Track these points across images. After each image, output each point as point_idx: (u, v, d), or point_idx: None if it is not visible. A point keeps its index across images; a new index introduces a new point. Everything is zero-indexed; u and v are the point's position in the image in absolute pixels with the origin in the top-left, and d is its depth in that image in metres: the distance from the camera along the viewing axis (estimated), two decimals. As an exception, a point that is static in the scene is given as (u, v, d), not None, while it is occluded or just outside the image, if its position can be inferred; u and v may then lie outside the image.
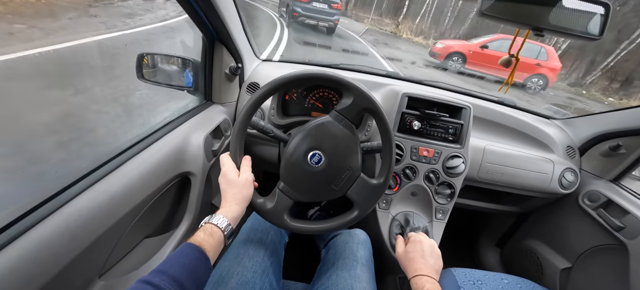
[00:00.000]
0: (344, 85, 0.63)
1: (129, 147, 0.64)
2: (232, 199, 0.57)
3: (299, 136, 0.64)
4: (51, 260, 0.43)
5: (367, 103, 0.63)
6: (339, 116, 0.64)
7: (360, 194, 0.67)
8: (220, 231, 0.51)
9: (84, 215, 0.49)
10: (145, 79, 0.81)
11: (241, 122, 0.62)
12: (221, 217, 0.53)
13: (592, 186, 1.04)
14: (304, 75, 0.63)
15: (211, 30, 0.79)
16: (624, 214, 0.93)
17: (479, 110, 1.10)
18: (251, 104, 0.62)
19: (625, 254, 0.89)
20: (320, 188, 0.65)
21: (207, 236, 0.49)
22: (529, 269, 1.25)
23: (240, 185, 0.59)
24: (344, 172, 0.65)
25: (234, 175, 0.59)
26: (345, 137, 0.64)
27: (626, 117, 0.97)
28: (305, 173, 0.63)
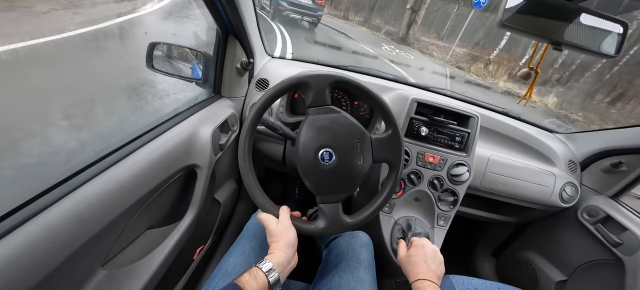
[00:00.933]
0: (379, 105, 0.64)
1: (138, 136, 0.63)
2: (275, 247, 0.58)
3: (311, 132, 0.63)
4: (59, 247, 0.43)
5: (397, 153, 0.65)
6: (369, 143, 0.65)
7: (387, 151, 0.66)
8: (263, 274, 0.52)
9: (92, 203, 0.48)
10: (155, 68, 0.81)
11: (249, 127, 0.62)
12: (267, 261, 0.55)
13: (592, 201, 1.06)
14: (339, 78, 0.63)
15: (227, 23, 0.78)
16: (622, 231, 0.94)
17: (485, 120, 1.11)
18: (272, 95, 0.62)
19: (621, 270, 0.90)
20: (345, 176, 0.64)
21: (251, 278, 0.51)
22: (524, 279, 1.26)
23: (280, 233, 0.60)
24: (356, 146, 0.64)
25: (273, 225, 0.61)
26: (353, 134, 0.64)
27: (629, 135, 0.98)
28: (321, 172, 0.63)
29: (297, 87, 0.63)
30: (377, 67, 1.59)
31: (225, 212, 1.10)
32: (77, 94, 1.38)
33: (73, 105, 1.29)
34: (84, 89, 1.46)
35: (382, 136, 0.66)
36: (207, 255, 1.05)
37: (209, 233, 1.01)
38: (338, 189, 0.64)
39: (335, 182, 0.64)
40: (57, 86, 1.36)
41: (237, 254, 0.69)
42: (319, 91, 0.62)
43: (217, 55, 0.86)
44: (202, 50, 0.85)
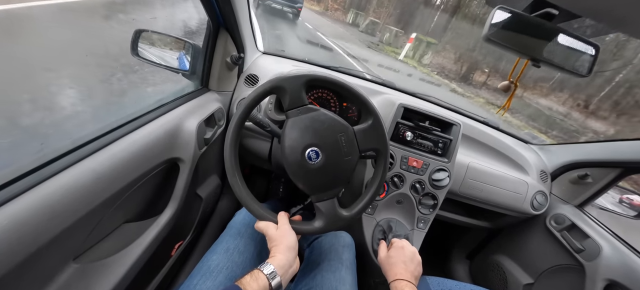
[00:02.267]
0: (355, 95, 0.64)
1: (119, 126, 0.61)
2: (275, 251, 0.59)
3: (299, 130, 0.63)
4: (28, 239, 0.41)
5: (382, 140, 0.66)
6: (353, 135, 0.65)
7: (372, 139, 0.67)
8: (265, 277, 0.53)
9: (67, 193, 0.46)
10: (140, 57, 0.78)
11: (244, 110, 0.61)
12: (268, 264, 0.55)
13: (559, 210, 1.13)
14: (312, 76, 0.63)
15: (219, 15, 0.77)
16: (584, 238, 1.01)
17: (467, 128, 1.15)
18: (258, 94, 0.61)
19: (582, 275, 0.97)
20: (335, 172, 0.65)
21: (253, 280, 0.51)
22: (495, 282, 1.32)
23: (281, 237, 0.61)
24: (340, 140, 0.64)
25: (273, 231, 0.62)
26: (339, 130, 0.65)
27: (596, 150, 1.06)
28: (310, 172, 0.63)
29: (271, 92, 0.63)
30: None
31: (206, 208, 1.08)
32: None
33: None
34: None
35: (365, 126, 0.66)
36: (186, 251, 1.03)
37: (189, 229, 0.98)
38: (330, 185, 0.65)
39: (326, 179, 0.64)
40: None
41: (220, 251, 0.68)
42: (294, 92, 0.62)
43: (207, 47, 0.84)
44: (190, 41, 0.83)
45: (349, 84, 0.65)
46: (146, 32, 0.77)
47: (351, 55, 8.47)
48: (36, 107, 1.28)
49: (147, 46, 0.81)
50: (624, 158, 0.95)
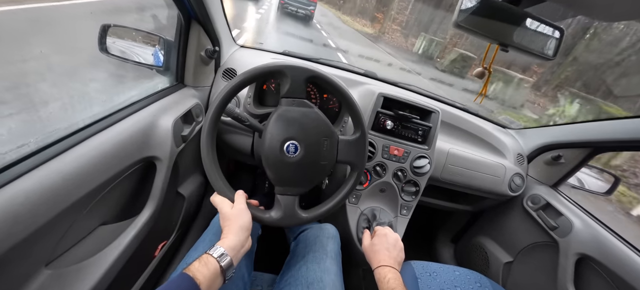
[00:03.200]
0: (350, 106, 0.65)
1: (88, 125, 0.58)
2: (228, 231, 0.57)
3: (278, 124, 0.63)
4: None
5: (361, 157, 0.67)
6: (336, 143, 0.66)
7: (351, 153, 0.68)
8: (215, 261, 0.51)
9: (31, 198, 0.44)
10: (109, 53, 0.75)
11: (217, 107, 0.60)
12: (217, 247, 0.53)
13: (535, 190, 1.18)
14: (316, 73, 0.63)
15: (189, 8, 0.74)
16: (558, 216, 1.06)
17: (446, 115, 1.18)
18: (232, 87, 0.60)
19: (556, 250, 1.02)
20: (307, 172, 0.65)
21: (202, 266, 0.49)
22: (478, 262, 1.37)
23: (234, 217, 0.59)
24: (323, 144, 0.65)
25: (227, 209, 0.60)
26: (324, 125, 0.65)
27: (568, 131, 1.10)
28: (284, 164, 0.63)
29: (274, 75, 0.63)
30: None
31: (190, 207, 1.06)
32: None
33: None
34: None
35: (350, 138, 0.68)
36: (170, 251, 1.01)
37: (172, 228, 0.97)
38: (298, 182, 0.65)
39: (296, 175, 0.64)
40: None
41: (202, 250, 0.67)
42: (297, 83, 0.62)
43: (179, 41, 0.81)
44: (162, 36, 0.80)
45: (346, 89, 0.65)
46: (114, 27, 0.74)
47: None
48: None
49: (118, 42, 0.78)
50: (593, 138, 0.99)
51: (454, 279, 0.91)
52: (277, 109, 0.64)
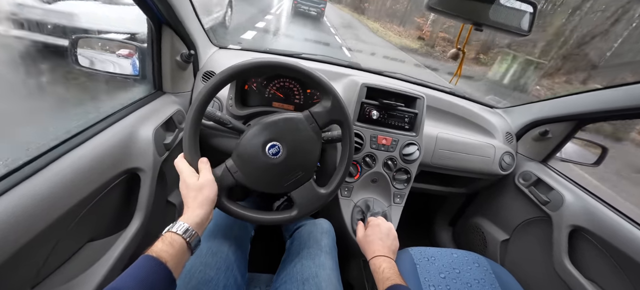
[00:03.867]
0: (325, 89, 0.63)
1: (61, 142, 0.57)
2: (192, 203, 0.54)
3: (260, 126, 0.62)
4: None
5: (341, 116, 0.65)
6: (311, 118, 0.64)
7: (304, 197, 0.67)
8: (181, 238, 0.48)
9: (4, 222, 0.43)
10: (81, 65, 0.73)
11: (194, 114, 0.59)
12: (182, 223, 0.50)
13: (526, 167, 1.18)
14: (286, 65, 0.61)
15: (157, 12, 0.72)
16: (549, 190, 1.07)
17: (433, 100, 1.18)
18: (207, 90, 0.59)
19: (549, 224, 1.03)
20: (270, 180, 0.64)
21: (166, 245, 0.45)
22: (475, 243, 1.39)
23: (200, 187, 0.55)
24: (297, 172, 0.65)
25: (193, 179, 0.56)
26: (310, 141, 0.65)
27: (552, 106, 1.11)
28: (260, 162, 0.62)
29: (247, 74, 0.62)
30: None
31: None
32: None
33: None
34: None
35: (322, 106, 0.66)
36: None
37: None
38: (297, 171, 0.66)
39: (292, 169, 0.64)
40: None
41: (193, 257, 0.66)
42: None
43: (152, 48, 0.79)
44: (136, 44, 0.78)
45: (294, 64, 0.63)
46: (84, 38, 0.72)
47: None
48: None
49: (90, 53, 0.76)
50: (577, 111, 1.00)
51: (452, 262, 0.92)
52: (298, 114, 0.64)
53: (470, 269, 0.91)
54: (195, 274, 0.61)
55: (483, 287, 0.85)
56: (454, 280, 0.86)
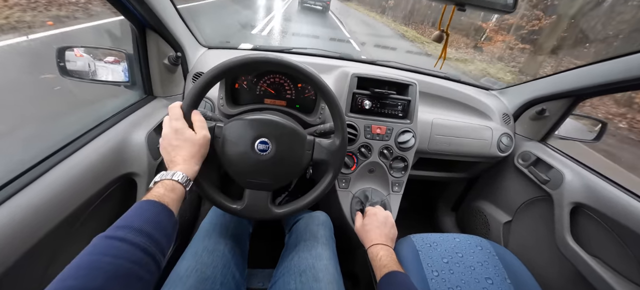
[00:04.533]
0: (316, 83, 0.63)
1: (52, 153, 0.57)
2: (190, 159, 0.53)
3: (259, 122, 0.63)
4: None
5: (337, 163, 0.68)
6: (312, 144, 0.67)
7: (327, 154, 0.68)
8: (182, 187, 0.49)
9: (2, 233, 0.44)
10: (71, 75, 0.73)
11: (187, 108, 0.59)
12: (181, 174, 0.50)
13: (524, 147, 1.17)
14: (274, 60, 0.61)
15: (139, 17, 0.72)
16: (549, 169, 1.06)
17: (427, 86, 1.16)
18: (197, 90, 0.58)
19: (550, 203, 1.02)
20: (247, 169, 0.65)
21: (168, 192, 0.47)
22: (478, 226, 1.38)
23: (199, 144, 0.55)
24: (266, 179, 0.66)
25: (190, 132, 0.55)
26: (299, 161, 0.67)
27: (547, 84, 1.09)
28: (246, 151, 0.63)
29: (235, 71, 0.61)
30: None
31: (184, 215, 1.06)
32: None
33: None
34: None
35: (329, 142, 0.68)
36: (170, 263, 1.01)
37: None
38: (277, 176, 0.66)
39: (268, 173, 0.65)
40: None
41: (190, 256, 0.67)
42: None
43: (139, 53, 0.79)
44: (123, 50, 0.78)
45: (283, 59, 0.62)
46: (70, 48, 0.72)
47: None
48: None
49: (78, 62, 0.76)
50: (572, 87, 0.98)
51: (455, 246, 0.91)
52: (303, 132, 0.66)
53: (474, 252, 0.91)
54: (192, 273, 0.62)
55: (487, 270, 0.85)
56: (457, 264, 0.86)
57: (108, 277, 0.34)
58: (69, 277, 0.33)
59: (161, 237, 0.42)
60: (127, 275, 0.36)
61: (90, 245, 0.37)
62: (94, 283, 0.33)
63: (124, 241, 0.38)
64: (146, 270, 0.38)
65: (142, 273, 0.37)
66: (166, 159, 0.54)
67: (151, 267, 0.39)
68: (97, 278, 0.33)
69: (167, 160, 0.54)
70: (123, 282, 0.35)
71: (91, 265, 0.35)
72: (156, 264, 0.40)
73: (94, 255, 0.36)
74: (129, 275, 0.36)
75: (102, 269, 0.34)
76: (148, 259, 0.39)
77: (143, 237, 0.39)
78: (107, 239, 0.38)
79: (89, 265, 0.35)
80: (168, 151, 0.54)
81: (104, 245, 0.37)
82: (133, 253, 0.38)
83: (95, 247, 0.37)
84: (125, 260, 0.36)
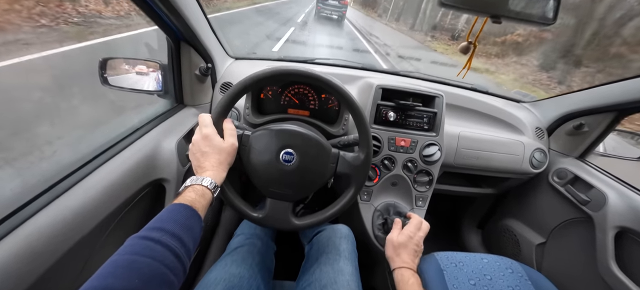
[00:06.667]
0: (343, 96, 0.63)
1: (92, 159, 0.61)
2: (218, 165, 0.55)
3: (286, 133, 0.64)
4: (10, 284, 0.41)
5: (360, 177, 0.67)
6: (337, 158, 0.67)
7: (350, 168, 0.67)
8: (211, 193, 0.50)
9: (45, 234, 0.46)
10: (110, 84, 0.78)
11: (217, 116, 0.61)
12: (211, 180, 0.51)
13: (560, 164, 1.10)
14: (305, 73, 0.62)
15: (175, 30, 0.76)
16: (589, 189, 0.98)
17: (453, 98, 1.13)
18: (228, 97, 0.61)
19: (591, 225, 0.95)
20: (270, 178, 0.65)
21: (199, 197, 0.48)
22: (507, 247, 1.30)
23: (227, 152, 0.56)
24: (288, 190, 0.66)
25: (219, 140, 0.57)
26: (322, 174, 0.66)
27: (587, 97, 1.02)
28: (271, 160, 0.63)
29: (263, 82, 0.62)
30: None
31: (207, 222, 1.08)
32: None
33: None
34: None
35: (353, 157, 0.67)
36: (193, 268, 1.04)
37: None
38: (299, 186, 0.66)
39: (291, 183, 0.65)
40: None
41: (219, 268, 0.68)
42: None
43: (172, 64, 0.84)
44: (158, 61, 0.83)
45: (313, 72, 0.63)
46: (112, 59, 0.77)
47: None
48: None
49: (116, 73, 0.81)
50: (616, 100, 0.91)
51: (483, 268, 0.86)
52: (329, 146, 0.66)
53: (503, 275, 0.85)
54: (220, 282, 0.63)
55: None
56: (486, 287, 0.80)
57: (144, 279, 0.35)
58: (109, 275, 0.34)
59: (190, 241, 0.43)
60: (160, 278, 0.36)
61: (127, 245, 0.38)
62: (131, 284, 0.34)
63: (159, 243, 0.38)
64: (175, 274, 0.39)
65: (172, 277, 0.38)
66: (194, 165, 0.56)
67: (179, 272, 0.40)
68: (134, 278, 0.34)
69: (196, 166, 0.56)
70: (155, 284, 0.36)
71: (129, 264, 0.35)
72: (183, 269, 0.41)
73: (131, 255, 0.37)
74: (162, 278, 0.36)
75: (139, 270, 0.35)
76: (178, 264, 0.40)
77: (175, 240, 0.40)
78: (142, 239, 0.39)
79: (126, 264, 0.35)
80: (197, 157, 0.56)
81: (140, 245, 0.38)
82: (166, 256, 0.38)
83: (131, 246, 0.38)
84: (159, 263, 0.37)
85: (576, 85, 7.57)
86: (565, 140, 1.12)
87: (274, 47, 6.63)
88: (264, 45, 6.81)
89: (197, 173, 0.54)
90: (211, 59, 0.92)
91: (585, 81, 7.82)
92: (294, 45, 7.57)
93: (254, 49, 6.10)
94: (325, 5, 13.33)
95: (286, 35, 8.33)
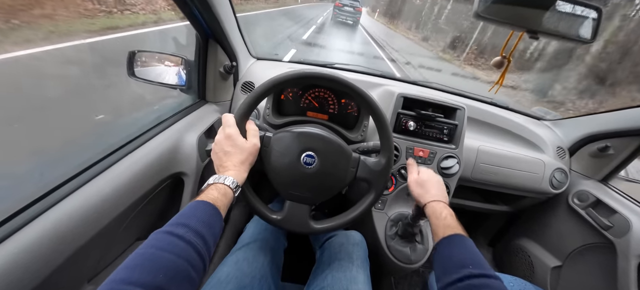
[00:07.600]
0: (366, 102, 0.63)
1: (120, 147, 0.62)
2: (240, 165, 0.55)
3: (309, 137, 0.64)
4: (39, 264, 0.42)
5: (381, 181, 0.67)
6: (358, 162, 0.67)
7: (371, 173, 0.67)
8: (232, 192, 0.51)
9: (74, 218, 0.47)
10: (137, 77, 0.79)
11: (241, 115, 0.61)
12: (233, 179, 0.52)
13: (582, 186, 1.07)
14: (341, 80, 0.62)
15: (206, 28, 0.77)
16: (612, 214, 0.95)
17: (473, 111, 1.11)
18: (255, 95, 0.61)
19: (613, 252, 0.91)
20: (289, 181, 0.65)
21: (221, 195, 0.48)
22: (520, 267, 1.27)
23: (249, 152, 0.57)
24: (307, 193, 0.66)
25: (242, 140, 0.57)
26: (343, 177, 0.66)
27: (614, 119, 0.99)
28: (292, 162, 0.63)
29: (285, 85, 0.62)
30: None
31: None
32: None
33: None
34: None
35: (374, 161, 0.67)
36: None
37: None
38: (319, 189, 0.66)
39: (311, 187, 0.65)
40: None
41: (230, 264, 0.68)
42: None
43: (199, 60, 0.85)
44: (184, 56, 0.84)
45: (340, 77, 0.63)
46: (140, 52, 0.79)
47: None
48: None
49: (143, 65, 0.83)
50: None
51: None
52: (350, 150, 0.66)
53: None
54: (232, 280, 0.63)
55: None
56: None
57: (169, 276, 0.35)
58: (136, 267, 0.34)
59: (211, 239, 0.43)
60: (183, 274, 0.36)
61: (152, 239, 0.38)
62: (156, 279, 0.34)
63: (182, 239, 0.39)
64: (196, 271, 0.39)
65: (193, 274, 0.38)
66: (216, 164, 0.56)
67: (200, 269, 0.40)
68: (159, 274, 0.34)
69: (218, 165, 0.56)
70: (179, 281, 0.36)
71: (155, 259, 0.36)
72: (204, 266, 0.41)
73: (157, 250, 0.37)
74: (184, 274, 0.37)
75: (165, 266, 0.35)
76: (199, 261, 0.40)
77: (198, 237, 0.40)
78: (166, 234, 0.39)
79: (152, 258, 0.36)
80: (219, 156, 0.56)
81: (165, 240, 0.38)
82: (190, 253, 0.39)
83: (157, 240, 0.38)
84: (183, 259, 0.37)
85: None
86: (588, 161, 1.09)
87: (304, 35, 8.27)
88: (294, 35, 7.94)
89: (219, 172, 0.55)
90: (236, 57, 0.93)
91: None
92: (320, 36, 8.72)
93: (286, 39, 6.77)
94: (341, 11, 14.59)
95: (311, 29, 10.23)
